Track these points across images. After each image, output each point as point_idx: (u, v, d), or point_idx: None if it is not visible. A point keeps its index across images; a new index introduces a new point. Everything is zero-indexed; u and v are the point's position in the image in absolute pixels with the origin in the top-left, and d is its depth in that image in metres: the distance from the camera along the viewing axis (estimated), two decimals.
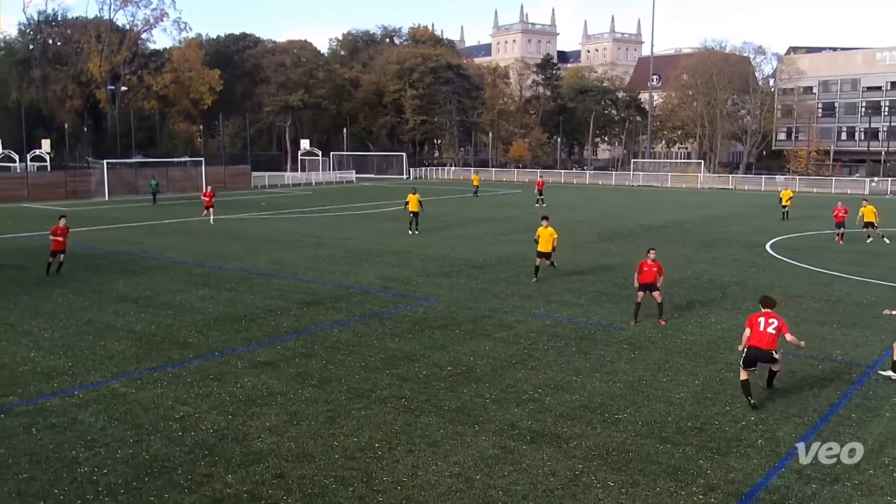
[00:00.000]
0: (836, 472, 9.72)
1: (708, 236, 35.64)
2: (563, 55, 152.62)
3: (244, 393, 12.78)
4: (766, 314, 12.76)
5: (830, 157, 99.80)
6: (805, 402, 12.40)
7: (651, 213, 47.22)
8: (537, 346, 15.83)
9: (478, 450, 10.42)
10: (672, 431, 11.13)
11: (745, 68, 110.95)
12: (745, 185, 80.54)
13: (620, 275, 24.24)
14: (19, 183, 59.09)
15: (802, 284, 23.12)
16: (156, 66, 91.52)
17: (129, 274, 24.08)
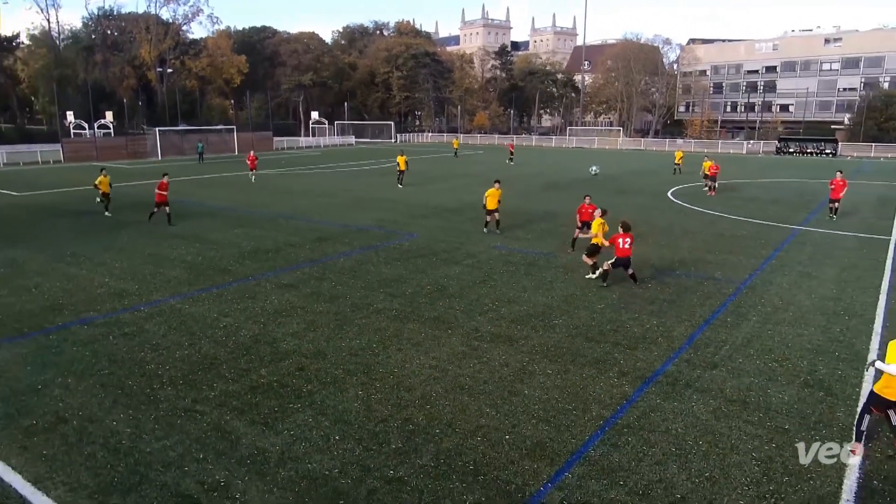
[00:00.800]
0: (713, 360, 10.05)
1: (623, 186, 35.79)
2: (515, 45, 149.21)
3: (272, 307, 12.81)
4: (625, 235, 14.08)
5: (718, 125, 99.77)
6: (693, 310, 12.70)
7: (582, 169, 47.11)
8: (495, 270, 15.96)
9: (450, 348, 10.60)
10: (595, 333, 11.38)
11: (656, 56, 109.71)
12: (654, 147, 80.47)
13: (559, 217, 24.34)
14: (90, 146, 57.34)
15: (693, 223, 23.42)
16: (194, 52, 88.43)
17: (180, 218, 23.68)
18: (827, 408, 8.52)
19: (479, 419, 8.17)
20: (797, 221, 23.47)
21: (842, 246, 19.10)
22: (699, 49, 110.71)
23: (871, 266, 16.53)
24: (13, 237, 20.17)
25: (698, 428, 7.96)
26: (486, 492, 6.62)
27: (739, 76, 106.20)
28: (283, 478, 6.87)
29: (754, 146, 75.10)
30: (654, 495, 6.59)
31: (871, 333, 11.34)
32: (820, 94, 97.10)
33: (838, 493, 6.62)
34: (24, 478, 6.83)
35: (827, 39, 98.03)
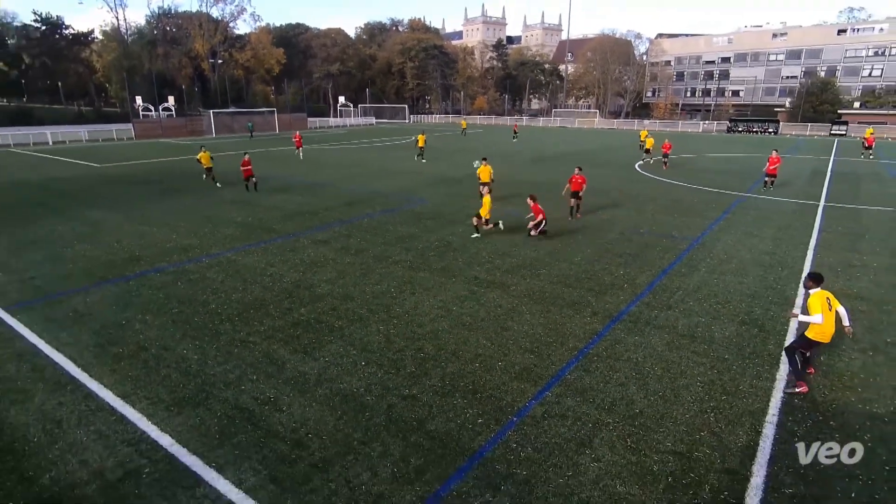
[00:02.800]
0: (669, 303, 10.10)
1: (598, 159, 35.25)
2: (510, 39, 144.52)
3: (309, 259, 12.87)
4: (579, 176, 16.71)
5: (679, 107, 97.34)
6: (654, 262, 12.68)
7: (563, 145, 46.42)
8: (491, 229, 15.93)
9: (454, 292, 10.68)
10: (572, 280, 11.42)
11: (628, 48, 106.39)
12: (624, 126, 78.80)
13: (545, 185, 24.11)
14: (156, 125, 56.58)
15: (655, 190, 23.12)
16: (240, 45, 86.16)
17: (232, 185, 23.60)
18: (760, 342, 8.60)
19: (477, 349, 8.30)
20: (743, 189, 23.16)
21: (779, 210, 18.91)
22: (665, 42, 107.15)
23: (803, 227, 16.40)
24: (97, 201, 20.18)
25: (654, 357, 8.07)
26: (483, 406, 6.78)
27: (699, 66, 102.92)
28: (320, 395, 7.04)
29: (709, 126, 73.45)
30: (617, 410, 6.73)
31: (798, 282, 11.34)
32: (766, 81, 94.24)
33: (765, 409, 6.75)
34: (115, 393, 7.03)
35: (774, 34, 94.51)
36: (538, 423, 6.43)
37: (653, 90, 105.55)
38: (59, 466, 5.71)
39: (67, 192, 22.26)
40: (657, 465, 5.75)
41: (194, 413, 6.62)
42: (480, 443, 6.08)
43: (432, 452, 5.92)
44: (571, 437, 6.19)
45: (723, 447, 6.03)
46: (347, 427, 6.36)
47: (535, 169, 30.52)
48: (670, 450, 5.98)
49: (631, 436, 6.22)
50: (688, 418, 6.55)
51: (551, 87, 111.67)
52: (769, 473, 5.62)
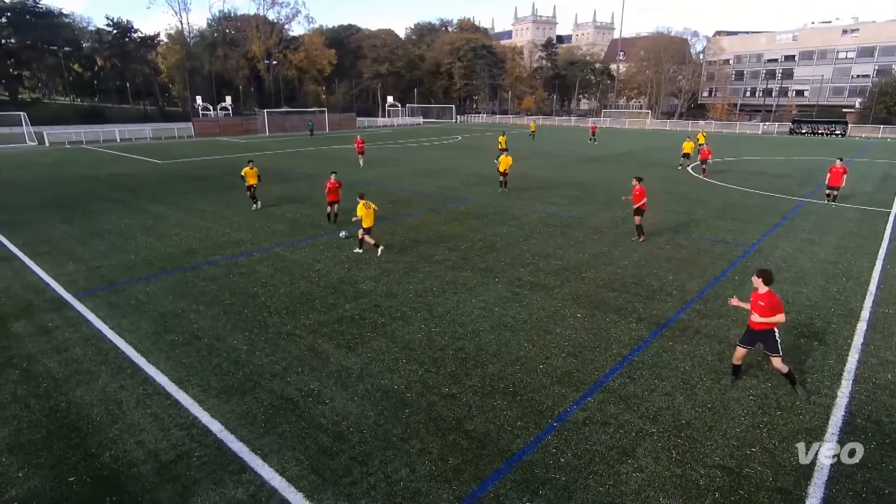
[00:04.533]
0: (720, 312, 9.69)
1: (647, 160, 34.23)
2: (560, 38, 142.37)
3: (355, 256, 13.10)
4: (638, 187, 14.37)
5: (738, 108, 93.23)
6: (705, 269, 12.23)
7: (612, 146, 45.35)
8: (536, 230, 15.76)
9: (497, 293, 10.63)
10: (619, 285, 11.15)
11: (683, 46, 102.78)
12: (678, 127, 76.17)
13: (590, 186, 23.65)
14: (214, 124, 59.00)
15: (708, 193, 22.26)
16: (294, 47, 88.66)
17: (282, 182, 24.33)
18: (820, 356, 8.14)
19: (518, 351, 8.22)
20: (803, 194, 21.96)
21: (843, 217, 17.82)
22: (724, 40, 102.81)
23: (870, 235, 15.39)
24: (158, 196, 21.25)
25: (704, 367, 7.77)
26: (522, 409, 6.71)
27: (760, 64, 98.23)
28: (362, 389, 7.16)
29: (769, 127, 70.00)
30: (662, 419, 6.52)
31: (865, 294, 10.66)
32: (834, 80, 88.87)
33: (824, 427, 6.38)
34: (170, 378, 7.39)
35: (844, 30, 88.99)
36: (579, 429, 6.31)
37: (709, 90, 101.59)
38: (119, 445, 6.05)
39: (132, 187, 23.55)
40: (704, 479, 5.53)
41: (242, 401, 6.87)
42: (519, 445, 6.02)
43: (470, 452, 5.92)
44: (613, 446, 6.04)
45: (776, 465, 5.73)
46: (388, 423, 6.44)
47: (583, 168, 29.92)
48: (718, 464, 5.74)
49: (676, 447, 6.01)
50: (738, 432, 6.27)
51: (601, 86, 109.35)
52: (826, 495, 5.30)
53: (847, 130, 61.63)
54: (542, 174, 27.58)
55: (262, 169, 23.32)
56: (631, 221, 16.61)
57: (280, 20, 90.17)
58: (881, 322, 9.29)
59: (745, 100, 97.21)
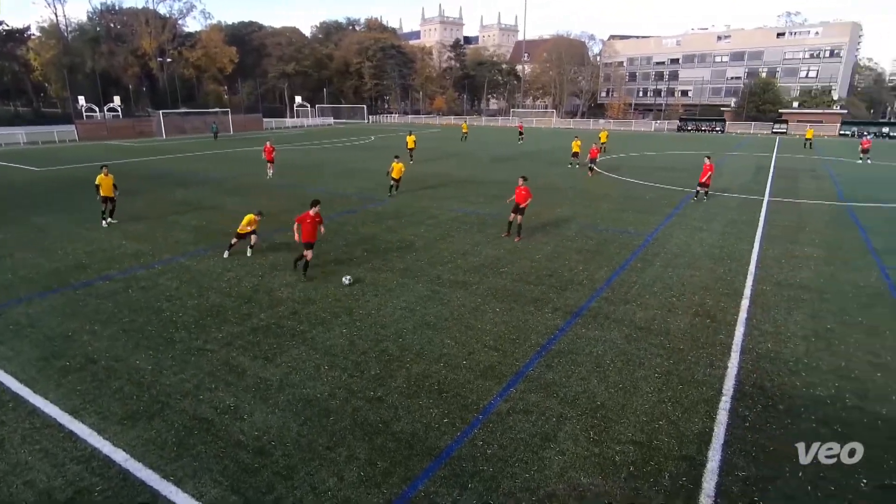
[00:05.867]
0: (626, 297, 10.38)
1: (555, 158, 35.88)
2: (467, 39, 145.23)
3: (269, 262, 12.58)
4: (523, 187, 14.53)
5: (632, 107, 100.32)
6: (611, 258, 13.02)
7: (522, 145, 47.03)
8: (453, 229, 15.98)
9: (417, 293, 10.65)
10: (534, 278, 11.58)
11: (582, 49, 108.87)
12: (581, 126, 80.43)
13: (504, 184, 24.38)
14: (101, 126, 53.93)
15: (611, 188, 23.77)
16: (190, 44, 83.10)
17: (183, 187, 22.79)
18: (712, 332, 8.95)
19: (441, 349, 8.30)
20: (693, 186, 24.05)
21: (726, 205, 19.75)
22: (618, 44, 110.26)
23: (749, 221, 17.18)
24: (38, 206, 19.10)
25: (614, 350, 8.28)
26: (448, 406, 6.79)
27: (650, 67, 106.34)
28: (283, 400, 6.89)
29: (661, 125, 76.00)
30: (580, 403, 6.87)
31: (747, 273, 11.88)
32: (713, 81, 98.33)
33: (718, 396, 7.03)
34: (62, 409, 6.68)
35: (719, 37, 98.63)
36: (503, 420, 6.50)
37: (607, 90, 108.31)
38: (2, 489, 5.38)
39: (4, 197, 20.97)
40: (619, 455, 5.90)
41: (149, 426, 6.36)
42: (447, 442, 6.09)
43: (399, 454, 5.89)
44: (536, 432, 6.27)
45: (680, 435, 6.24)
46: (312, 433, 6.25)
47: (494, 168, 30.75)
48: (631, 440, 6.15)
49: (593, 428, 6.36)
50: (647, 408, 6.75)
51: (509, 87, 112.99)
52: (723, 458, 5.86)
53: (725, 127, 68.40)
54: (456, 173, 28.04)
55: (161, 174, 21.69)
56: (539, 217, 17.33)
57: (173, 15, 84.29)
58: (760, 298, 10.41)
59: (638, 99, 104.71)
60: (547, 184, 24.61)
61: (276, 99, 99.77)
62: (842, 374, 7.57)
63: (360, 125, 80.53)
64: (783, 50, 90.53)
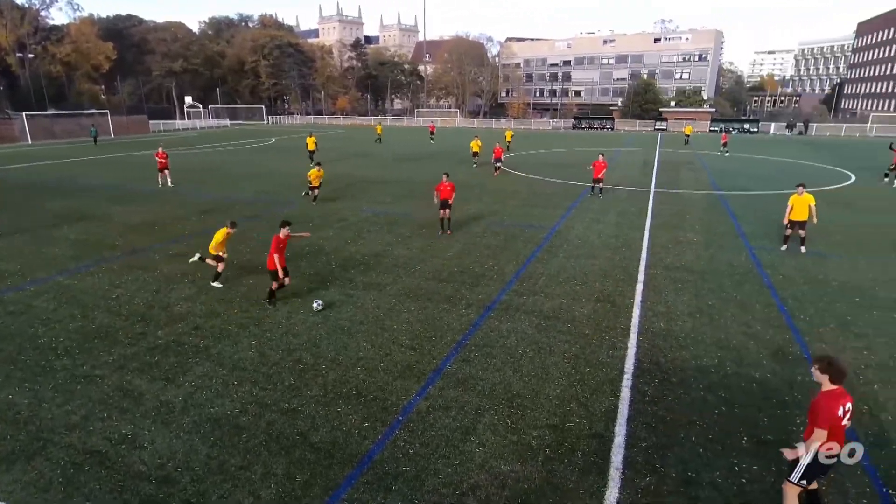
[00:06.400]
0: (534, 289, 10.85)
1: (462, 158, 36.53)
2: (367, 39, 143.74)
3: (163, 276, 11.66)
4: (447, 183, 15.04)
5: (531, 107, 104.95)
6: (519, 252, 13.53)
7: (429, 145, 47.48)
8: (363, 230, 15.77)
9: (330, 297, 10.40)
10: (446, 275, 11.75)
11: (481, 50, 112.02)
12: (484, 125, 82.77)
13: (409, 183, 24.46)
14: None
15: (516, 184, 24.71)
16: (57, 38, 74.50)
17: (60, 197, 20.46)
18: (612, 316, 9.61)
19: (357, 353, 8.18)
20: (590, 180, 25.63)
21: (619, 198, 21.27)
22: (514, 46, 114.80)
23: (639, 211, 18.63)
24: None
25: (526, 340, 8.63)
26: (368, 409, 6.71)
27: (545, 68, 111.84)
28: (188, 423, 6.43)
29: (558, 123, 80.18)
30: (496, 394, 7.08)
31: (639, 259, 12.89)
32: (601, 83, 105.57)
33: (621, 375, 7.57)
34: None
35: (605, 40, 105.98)
36: (424, 418, 6.53)
37: (507, 90, 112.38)
38: None
39: None
40: (535, 440, 6.16)
41: (29, 466, 5.66)
42: (368, 446, 6.01)
43: (318, 464, 5.73)
44: (457, 427, 6.38)
45: (590, 414, 6.64)
46: (223, 453, 5.90)
47: (402, 167, 30.76)
48: (546, 424, 6.45)
49: (511, 417, 6.59)
50: (558, 392, 7.11)
51: (412, 86, 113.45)
52: (628, 431, 6.32)
53: (614, 125, 73.65)
54: (365, 174, 27.71)
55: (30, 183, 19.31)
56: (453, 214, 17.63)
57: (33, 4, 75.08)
58: (651, 281, 11.35)
59: (536, 99, 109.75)
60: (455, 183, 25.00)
61: (163, 99, 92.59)
62: (722, 345, 8.46)
63: (260, 126, 76.98)
64: (660, 54, 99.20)
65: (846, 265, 12.49)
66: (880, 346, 8.40)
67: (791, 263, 12.61)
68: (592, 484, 5.46)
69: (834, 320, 9.38)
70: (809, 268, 12.28)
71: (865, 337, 8.73)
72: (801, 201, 13.21)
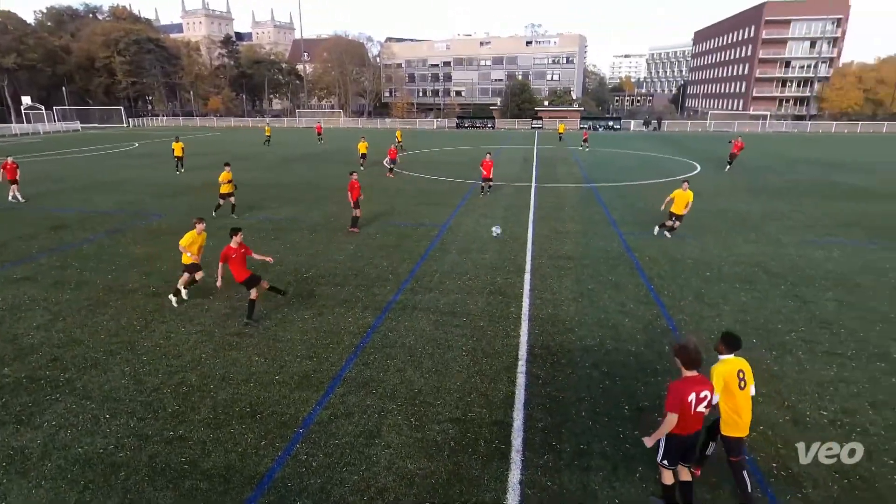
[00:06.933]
0: (429, 286, 10.98)
1: (348, 158, 35.93)
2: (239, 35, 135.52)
3: (7, 303, 10.09)
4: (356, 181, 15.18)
5: (415, 107, 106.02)
6: (412, 251, 13.62)
7: (314, 145, 46.05)
8: (247, 238, 14.85)
9: (214, 312, 9.71)
10: (340, 279, 11.49)
11: (362, 50, 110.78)
12: (369, 125, 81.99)
13: (298, 186, 23.57)
14: None
15: (405, 183, 24.83)
16: None
17: None
18: (504, 306, 10.04)
19: (249, 368, 7.73)
20: (474, 178, 26.52)
21: (504, 193, 22.25)
22: (395, 46, 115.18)
23: (522, 206, 19.64)
24: None
25: (424, 338, 8.72)
26: (265, 426, 6.37)
27: (426, 68, 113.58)
28: (51, 468, 5.65)
29: (442, 123, 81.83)
30: (398, 394, 7.08)
31: (526, 251, 13.60)
32: (481, 83, 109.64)
33: (516, 362, 7.94)
34: None
35: (481, 42, 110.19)
36: (326, 428, 6.35)
37: (390, 90, 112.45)
38: None
39: None
40: (440, 435, 6.25)
41: None
42: (268, 465, 5.71)
43: (213, 493, 5.33)
44: (360, 432, 6.28)
45: (490, 403, 6.89)
46: (97, 497, 5.26)
47: (288, 169, 29.52)
48: (449, 418, 6.57)
49: (414, 415, 6.62)
50: (459, 385, 7.28)
51: (291, 86, 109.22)
52: (525, 415, 6.65)
53: (495, 124, 76.85)
54: (248, 178, 26.17)
55: None
56: (339, 218, 17.31)
57: None
58: (537, 271, 12.03)
59: (419, 99, 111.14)
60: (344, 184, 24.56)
61: None
62: (602, 325, 9.21)
63: (119, 130, 69.43)
64: (532, 56, 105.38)
65: (697, 245, 14.21)
66: (727, 314, 9.68)
67: (655, 246, 14.07)
68: (496, 469, 5.67)
69: (691, 294, 10.63)
70: (669, 249, 13.79)
71: (716, 306, 10.01)
72: (683, 197, 14.65)
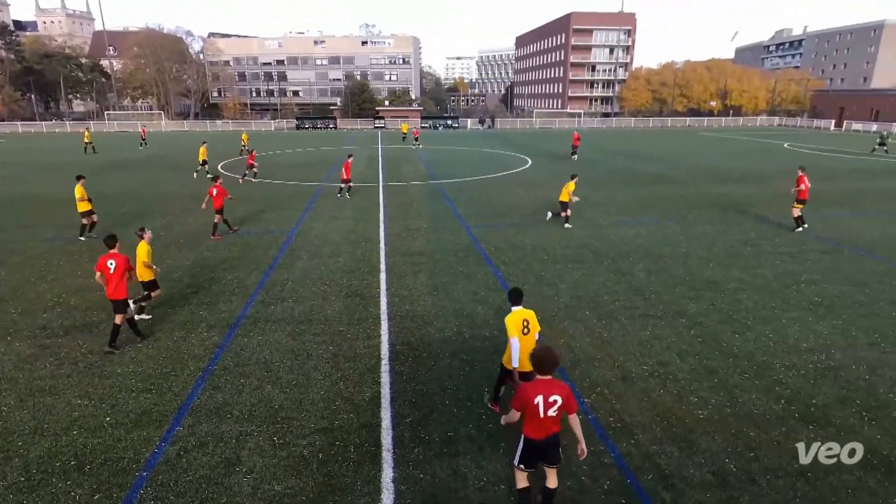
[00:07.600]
0: (282, 295, 10.45)
1: (176, 163, 32.47)
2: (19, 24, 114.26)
3: None
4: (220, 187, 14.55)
5: (248, 107, 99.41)
6: (259, 260, 12.83)
7: (135, 150, 40.65)
8: (51, 262, 12.66)
9: (16, 354, 8.11)
10: (178, 299, 10.36)
11: (181, 45, 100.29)
12: (197, 128, 74.82)
13: (111, 197, 20.66)
14: None
15: (246, 189, 23.14)
16: None
17: None
18: (363, 308, 9.96)
19: (70, 413, 6.62)
20: (321, 179, 25.83)
21: (353, 194, 21.98)
22: (220, 42, 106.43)
23: (372, 206, 19.63)
24: None
25: (281, 350, 8.29)
26: (97, 478, 5.51)
27: (258, 67, 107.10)
28: None
29: (280, 124, 77.97)
30: (257, 414, 6.64)
31: (379, 250, 13.64)
32: (318, 83, 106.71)
33: (379, 363, 7.95)
34: None
35: (316, 41, 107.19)
36: (175, 465, 5.70)
37: (218, 90, 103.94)
38: None
39: None
40: (307, 448, 6.01)
41: None
42: None
43: None
44: (218, 462, 5.76)
45: (356, 408, 6.79)
46: None
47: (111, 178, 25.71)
48: (315, 429, 6.34)
49: (277, 433, 6.27)
50: (323, 394, 7.06)
51: (96, 85, 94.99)
52: (393, 412, 6.69)
53: (337, 124, 75.52)
54: (52, 191, 22.23)
55: None
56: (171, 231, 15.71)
57: None
58: (392, 269, 12.15)
59: (253, 99, 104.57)
60: (172, 192, 22.16)
61: None
62: (458, 315, 9.63)
63: None
64: (369, 56, 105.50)
65: (534, 232, 15.57)
66: (564, 291, 10.78)
67: (498, 236, 15.09)
68: (368, 472, 5.62)
69: (533, 276, 11.62)
70: (510, 237, 14.89)
71: (554, 285, 11.09)
72: (565, 188, 16.29)
